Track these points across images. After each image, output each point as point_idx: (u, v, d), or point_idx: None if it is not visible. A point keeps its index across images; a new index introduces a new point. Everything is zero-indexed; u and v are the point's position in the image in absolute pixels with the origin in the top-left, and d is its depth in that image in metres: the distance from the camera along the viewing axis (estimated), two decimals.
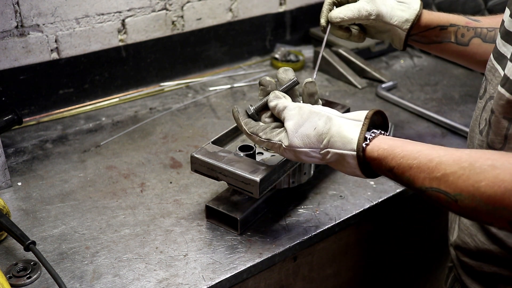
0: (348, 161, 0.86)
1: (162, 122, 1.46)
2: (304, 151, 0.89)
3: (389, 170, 0.82)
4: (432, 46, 1.20)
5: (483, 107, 0.96)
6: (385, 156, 0.82)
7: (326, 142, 0.87)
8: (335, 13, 1.12)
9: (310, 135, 0.88)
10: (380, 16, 1.12)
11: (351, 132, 0.85)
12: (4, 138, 1.35)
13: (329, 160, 0.88)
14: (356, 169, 0.86)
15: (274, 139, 0.92)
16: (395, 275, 1.50)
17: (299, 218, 1.12)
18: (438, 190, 0.75)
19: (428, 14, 1.15)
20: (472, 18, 1.18)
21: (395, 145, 0.82)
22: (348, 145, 0.85)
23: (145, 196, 1.17)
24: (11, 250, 1.02)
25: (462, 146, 1.38)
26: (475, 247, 0.98)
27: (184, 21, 1.63)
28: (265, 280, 1.10)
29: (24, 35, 1.37)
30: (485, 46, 1.17)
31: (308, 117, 0.89)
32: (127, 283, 0.95)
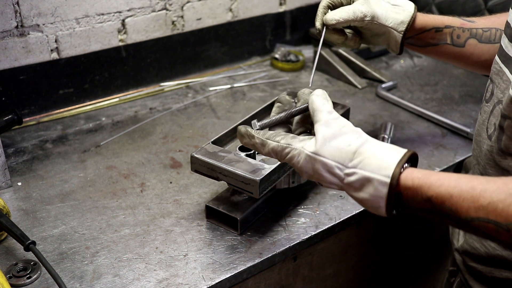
0: (376, 187, 0.76)
1: (162, 122, 1.46)
2: (328, 164, 0.80)
3: (427, 200, 0.74)
4: (429, 49, 1.19)
5: (491, 111, 0.94)
6: (420, 185, 0.75)
7: (357, 162, 0.78)
8: (330, 16, 1.11)
9: (342, 149, 0.79)
10: (375, 18, 1.11)
11: (389, 157, 0.77)
12: (4, 138, 1.35)
13: (351, 184, 0.79)
14: (381, 200, 0.77)
15: (296, 145, 0.83)
16: (395, 275, 1.50)
17: (299, 218, 1.12)
18: (486, 220, 0.69)
19: (423, 16, 1.15)
20: (466, 19, 1.17)
21: (430, 173, 0.76)
22: (383, 170, 0.76)
23: (145, 196, 1.17)
24: (11, 250, 1.02)
25: (462, 146, 1.38)
26: (485, 252, 0.98)
27: (184, 21, 1.63)
28: (265, 280, 1.10)
29: (24, 35, 1.37)
30: (481, 46, 1.16)
31: (346, 131, 0.81)
32: (127, 283, 0.95)
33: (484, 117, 0.97)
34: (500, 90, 0.91)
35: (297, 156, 0.83)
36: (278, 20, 1.84)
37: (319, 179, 0.82)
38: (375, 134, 1.41)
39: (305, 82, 1.71)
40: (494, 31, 1.15)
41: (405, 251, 1.46)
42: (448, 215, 0.73)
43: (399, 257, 1.46)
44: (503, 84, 0.91)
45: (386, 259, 1.43)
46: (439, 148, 1.37)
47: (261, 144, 0.87)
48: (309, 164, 0.82)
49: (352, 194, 0.80)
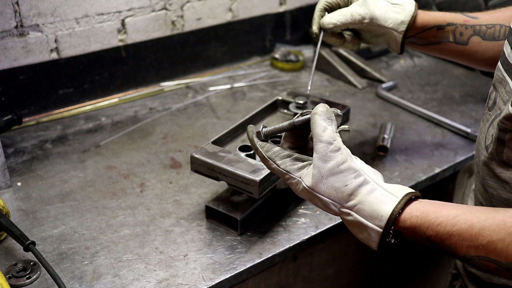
0: (370, 233, 0.77)
1: (162, 122, 1.46)
2: (324, 201, 0.79)
3: (426, 239, 0.74)
4: (431, 47, 1.16)
5: (491, 121, 0.91)
6: (419, 225, 0.75)
7: (352, 204, 0.78)
8: (327, 19, 1.08)
9: (338, 189, 0.78)
10: (374, 20, 1.09)
11: (383, 207, 0.76)
12: (4, 138, 1.35)
13: (346, 220, 0.80)
14: (373, 243, 0.78)
15: (294, 174, 0.81)
16: (395, 275, 1.50)
17: (299, 219, 1.12)
18: (487, 259, 0.69)
19: (424, 14, 1.12)
20: (470, 15, 1.14)
21: (428, 211, 0.75)
22: (376, 220, 0.76)
23: (145, 196, 1.17)
24: (10, 250, 1.02)
25: (462, 146, 1.38)
26: None
27: (184, 21, 1.63)
28: (265, 280, 1.10)
29: (24, 35, 1.37)
30: (485, 43, 1.13)
31: (344, 169, 0.78)
32: (127, 283, 0.95)
33: (486, 126, 0.94)
34: (503, 101, 0.89)
35: (295, 185, 0.82)
36: (278, 20, 1.84)
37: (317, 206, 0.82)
38: (375, 134, 1.41)
39: (305, 82, 1.71)
40: (499, 28, 1.12)
41: (405, 251, 1.46)
42: (448, 252, 0.73)
43: (399, 257, 1.46)
44: (506, 96, 0.88)
45: (386, 259, 1.42)
46: (439, 148, 1.37)
47: (263, 159, 0.86)
48: (306, 195, 0.81)
49: (348, 227, 0.81)
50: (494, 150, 0.88)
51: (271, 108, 1.27)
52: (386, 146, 1.32)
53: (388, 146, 1.33)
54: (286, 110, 1.27)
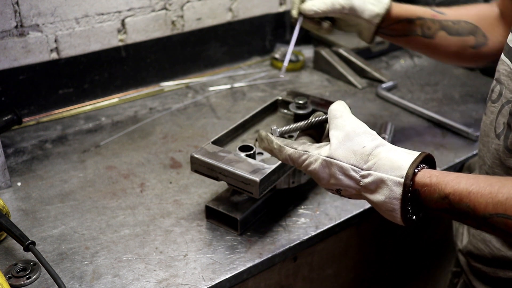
0: (391, 188, 0.75)
1: (162, 122, 1.46)
2: (344, 167, 0.79)
3: (443, 198, 0.73)
4: (399, 39, 1.20)
5: (499, 111, 0.93)
6: (438, 182, 0.74)
7: (371, 164, 0.77)
8: (308, 6, 1.11)
9: (356, 151, 0.79)
10: (353, 10, 1.12)
11: (403, 159, 0.77)
12: (4, 138, 1.35)
13: (366, 185, 0.78)
14: (395, 202, 0.75)
15: (312, 152, 0.82)
16: (395, 275, 1.50)
17: (299, 218, 1.12)
18: (505, 216, 0.68)
19: (397, 7, 1.16)
20: (437, 10, 1.19)
21: (448, 172, 0.75)
22: (397, 171, 0.75)
23: (145, 196, 1.17)
24: (10, 250, 1.02)
25: (462, 146, 1.38)
26: (489, 253, 0.97)
27: (184, 21, 1.63)
28: (265, 280, 1.10)
29: (24, 35, 1.37)
30: (450, 39, 1.18)
31: (360, 133, 0.80)
32: (127, 283, 0.95)
33: (491, 118, 0.96)
34: (510, 90, 0.90)
35: (313, 163, 0.81)
36: (278, 20, 1.84)
37: (336, 183, 0.81)
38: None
39: (305, 82, 1.71)
40: (464, 24, 1.17)
41: (405, 251, 1.46)
42: (465, 213, 0.72)
43: (399, 257, 1.46)
44: None
45: (386, 259, 1.42)
46: (439, 148, 1.37)
47: (279, 149, 0.86)
48: (325, 169, 0.81)
49: (369, 197, 0.79)
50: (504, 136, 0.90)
51: (271, 108, 1.27)
52: None
53: None
54: (286, 110, 1.27)
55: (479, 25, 1.17)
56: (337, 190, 0.82)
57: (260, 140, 0.90)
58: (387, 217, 0.79)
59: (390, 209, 0.77)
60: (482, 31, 1.17)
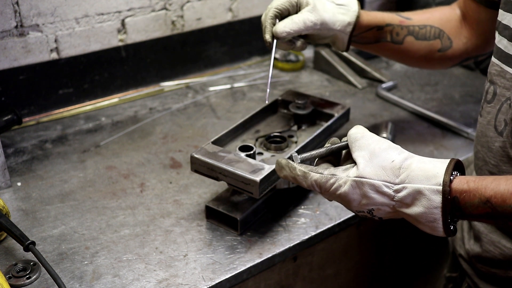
0: (429, 198, 0.74)
1: (162, 122, 1.46)
2: (376, 184, 0.77)
3: (485, 202, 0.72)
4: (370, 46, 1.21)
5: (498, 109, 0.94)
6: (476, 187, 0.73)
7: (404, 177, 0.76)
8: (280, 28, 1.07)
9: (386, 167, 0.77)
10: (324, 24, 1.11)
11: (436, 167, 0.75)
12: (4, 138, 1.35)
13: (401, 199, 0.76)
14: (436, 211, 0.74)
15: (340, 174, 0.80)
16: (395, 275, 1.50)
17: (299, 218, 1.12)
18: None
19: (366, 15, 1.16)
20: (404, 16, 1.20)
21: (483, 177, 0.74)
22: (433, 179, 0.74)
23: (145, 196, 1.17)
24: (10, 251, 1.02)
25: (462, 146, 1.38)
26: (500, 254, 0.97)
27: (184, 21, 1.63)
28: (265, 280, 1.10)
29: (24, 35, 1.37)
30: (418, 43, 1.20)
31: (385, 148, 0.79)
32: (126, 283, 0.95)
33: (489, 118, 0.97)
34: (506, 88, 0.92)
35: (343, 185, 0.79)
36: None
37: (368, 203, 0.78)
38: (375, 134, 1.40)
39: (305, 82, 1.71)
40: (429, 29, 1.19)
41: (405, 251, 1.46)
42: (510, 215, 0.71)
43: (399, 257, 1.46)
44: (507, 82, 0.91)
45: (386, 259, 1.42)
46: (439, 148, 1.37)
47: (303, 176, 0.83)
48: (356, 189, 0.78)
49: (406, 212, 0.77)
50: (509, 132, 0.90)
51: (271, 108, 1.27)
52: None
53: None
54: (286, 110, 1.27)
55: (443, 29, 1.19)
56: (369, 211, 0.80)
57: (281, 168, 0.86)
58: (427, 230, 0.77)
59: (431, 220, 0.75)
60: (446, 35, 1.19)
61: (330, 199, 0.84)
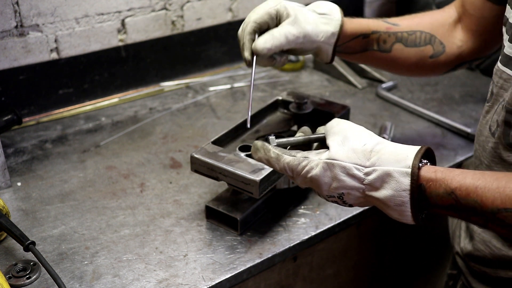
0: (398, 180, 0.74)
1: (162, 122, 1.46)
2: (346, 166, 0.77)
3: (450, 193, 0.72)
4: (355, 56, 1.14)
5: (495, 110, 0.93)
6: (443, 177, 0.73)
7: (375, 160, 0.76)
8: (260, 44, 0.98)
9: (357, 150, 0.77)
10: (307, 36, 1.02)
11: (406, 151, 0.76)
12: (4, 138, 1.35)
13: (371, 182, 0.76)
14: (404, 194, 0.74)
15: (312, 157, 0.80)
16: (395, 275, 1.50)
17: (299, 218, 1.12)
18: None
19: (350, 22, 1.09)
20: (391, 22, 1.13)
21: (452, 168, 0.75)
22: (402, 162, 0.74)
23: (145, 196, 1.17)
24: (10, 250, 1.02)
25: (462, 146, 1.38)
26: (490, 253, 0.97)
27: (184, 21, 1.63)
28: (265, 280, 1.10)
29: (24, 35, 1.37)
30: (407, 50, 1.13)
31: (358, 132, 0.80)
32: (127, 283, 0.95)
33: (487, 117, 0.96)
34: (504, 89, 0.91)
35: (314, 168, 0.79)
36: None
37: (339, 186, 0.78)
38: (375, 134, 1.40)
39: (305, 82, 1.71)
40: (419, 34, 1.12)
41: (405, 251, 1.46)
42: (473, 209, 0.71)
43: (399, 257, 1.46)
44: (505, 83, 0.90)
45: (386, 259, 1.42)
46: (439, 148, 1.37)
47: (276, 158, 0.83)
48: (327, 172, 0.78)
49: (375, 195, 0.77)
50: (501, 133, 0.89)
51: (271, 108, 1.27)
52: None
53: None
54: (286, 110, 1.27)
55: (435, 34, 1.13)
56: (339, 195, 0.80)
57: (256, 150, 0.86)
58: (395, 215, 0.77)
59: (399, 203, 0.75)
60: (438, 40, 1.13)
61: (302, 184, 0.83)
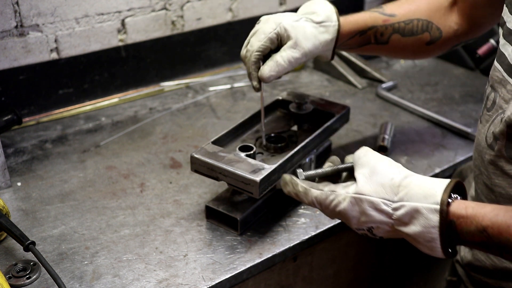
0: (426, 217, 0.73)
1: (162, 122, 1.46)
2: (374, 201, 0.77)
3: (481, 231, 0.71)
4: (354, 50, 1.17)
5: (492, 121, 0.92)
6: (474, 214, 0.72)
7: (403, 195, 0.76)
8: (266, 73, 1.03)
9: (385, 184, 0.77)
10: (309, 53, 1.06)
11: (435, 186, 0.75)
12: (4, 138, 1.35)
13: (399, 217, 0.76)
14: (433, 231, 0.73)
15: (340, 191, 0.80)
16: (395, 275, 1.50)
17: (299, 218, 1.12)
18: None
19: (346, 23, 1.10)
20: (387, 13, 1.14)
21: (483, 204, 0.73)
22: (430, 198, 0.73)
23: (145, 196, 1.17)
24: (10, 250, 1.02)
25: (462, 146, 1.38)
26: (491, 265, 0.97)
27: (184, 21, 1.63)
28: (265, 280, 1.10)
29: (24, 35, 1.37)
30: (405, 40, 1.15)
31: (386, 166, 0.80)
32: (127, 283, 0.95)
33: (486, 126, 0.94)
34: (504, 100, 0.89)
35: (342, 202, 0.80)
36: None
37: (367, 220, 0.79)
38: (375, 134, 1.41)
39: (305, 82, 1.71)
40: (416, 22, 1.14)
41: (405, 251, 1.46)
42: (505, 247, 0.70)
43: (399, 258, 1.46)
44: (507, 94, 0.89)
45: (386, 259, 1.42)
46: (439, 148, 1.37)
47: (304, 192, 0.85)
48: (355, 206, 0.79)
49: (404, 231, 0.77)
50: (502, 147, 0.88)
51: (271, 108, 1.27)
52: (386, 146, 1.32)
53: (388, 146, 1.33)
54: (286, 110, 1.27)
55: (431, 20, 1.14)
56: (368, 229, 0.80)
57: (284, 184, 0.89)
58: (425, 250, 0.77)
59: (428, 239, 0.75)
60: (435, 25, 1.14)
61: (331, 216, 0.84)
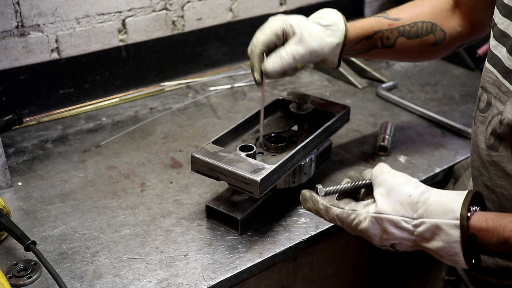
0: (447, 232, 0.75)
1: (163, 122, 1.46)
2: (394, 220, 0.79)
3: (503, 242, 0.72)
4: (360, 55, 1.18)
5: (488, 122, 0.92)
6: (495, 226, 0.73)
7: (422, 212, 0.77)
8: (269, 67, 1.03)
9: (403, 202, 0.79)
10: (314, 53, 1.06)
11: (453, 200, 0.76)
12: (5, 138, 1.35)
13: (420, 234, 0.78)
14: (455, 245, 0.75)
15: (360, 210, 0.82)
16: (395, 275, 1.50)
17: (300, 218, 1.12)
18: None
19: (354, 28, 1.11)
20: (392, 17, 1.15)
21: (504, 215, 0.74)
22: (450, 214, 0.74)
23: (146, 196, 1.17)
24: (11, 250, 1.02)
25: (462, 146, 1.38)
26: (494, 264, 0.97)
27: (184, 21, 1.63)
28: (265, 280, 1.10)
29: (25, 35, 1.37)
30: (410, 42, 1.16)
31: (402, 183, 0.81)
32: (127, 283, 0.95)
33: (482, 129, 0.95)
34: (500, 101, 0.89)
35: (363, 221, 0.82)
36: None
37: (389, 238, 0.81)
38: (375, 134, 1.41)
39: (305, 82, 1.71)
40: (421, 25, 1.15)
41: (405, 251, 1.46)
42: None
43: (399, 258, 1.46)
44: (503, 95, 0.89)
45: (386, 259, 1.43)
46: (439, 148, 1.37)
47: (325, 210, 0.86)
48: (376, 225, 0.81)
49: (426, 246, 0.79)
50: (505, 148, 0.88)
51: (271, 108, 1.27)
52: (386, 146, 1.33)
53: (388, 146, 1.33)
54: (286, 110, 1.27)
55: (435, 22, 1.16)
56: (391, 245, 0.82)
57: (304, 200, 0.89)
58: (449, 263, 0.78)
59: (451, 254, 0.76)
60: (439, 27, 1.16)
61: (352, 233, 0.86)
